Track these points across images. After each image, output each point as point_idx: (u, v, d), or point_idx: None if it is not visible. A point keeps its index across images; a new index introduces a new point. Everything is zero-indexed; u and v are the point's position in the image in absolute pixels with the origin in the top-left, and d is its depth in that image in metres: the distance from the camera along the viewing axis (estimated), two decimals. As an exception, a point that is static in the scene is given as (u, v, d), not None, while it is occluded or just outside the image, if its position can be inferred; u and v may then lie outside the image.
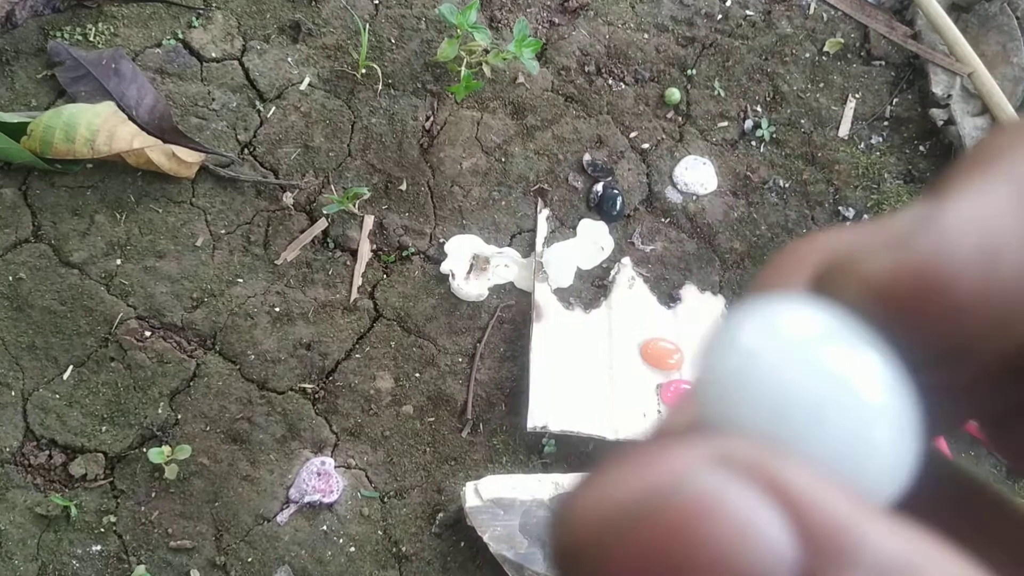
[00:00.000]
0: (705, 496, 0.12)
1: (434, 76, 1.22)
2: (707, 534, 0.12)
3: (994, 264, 0.14)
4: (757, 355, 0.14)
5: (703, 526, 0.12)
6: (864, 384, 0.14)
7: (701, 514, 0.12)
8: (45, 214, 1.14)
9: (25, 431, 1.09)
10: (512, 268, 1.17)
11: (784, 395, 0.14)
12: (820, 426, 0.14)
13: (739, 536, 0.12)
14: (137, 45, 1.20)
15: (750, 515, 0.12)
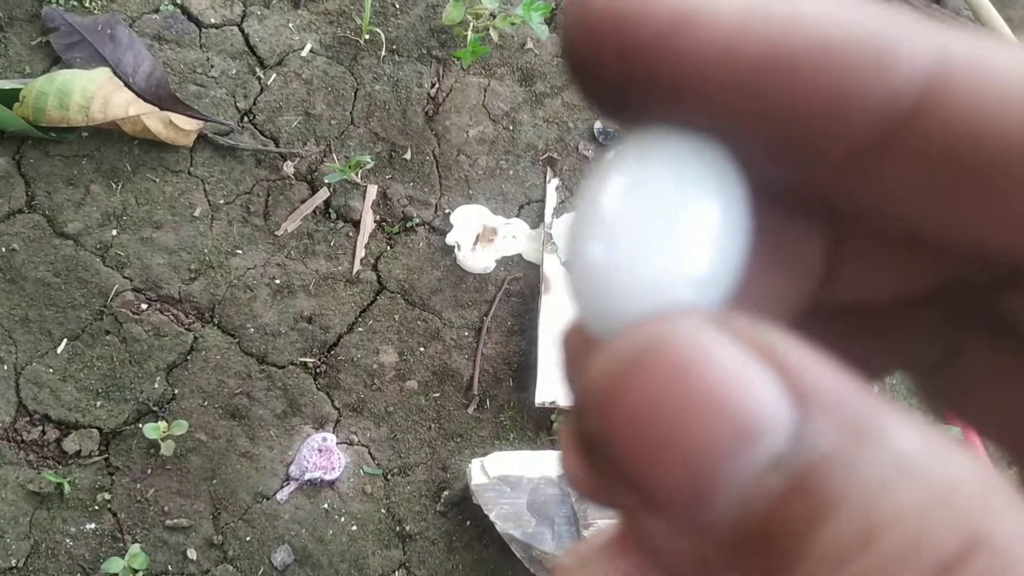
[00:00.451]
0: (694, 344, 0.13)
1: (439, 41, 1.18)
2: (698, 380, 0.13)
3: (685, 26, 0.13)
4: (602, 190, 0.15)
5: (694, 372, 0.13)
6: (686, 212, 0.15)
7: (691, 361, 0.13)
8: (39, 184, 1.11)
9: (18, 406, 1.05)
10: (520, 239, 1.13)
11: (617, 222, 0.15)
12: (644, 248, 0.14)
13: (733, 383, 0.13)
14: (134, 11, 1.17)
15: (743, 365, 0.13)
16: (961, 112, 0.13)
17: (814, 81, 0.13)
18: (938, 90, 0.13)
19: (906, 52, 0.13)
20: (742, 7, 0.13)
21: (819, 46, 0.13)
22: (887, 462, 0.12)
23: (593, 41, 0.14)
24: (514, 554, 0.98)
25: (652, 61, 0.14)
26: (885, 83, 0.13)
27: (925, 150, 0.13)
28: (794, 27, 0.13)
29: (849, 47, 0.13)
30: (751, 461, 0.12)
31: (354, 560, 1.03)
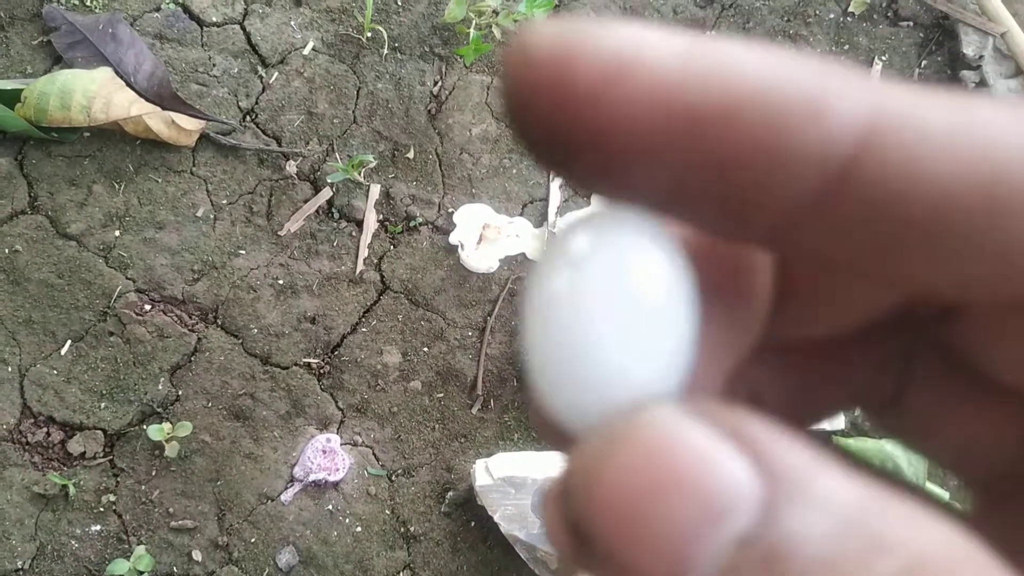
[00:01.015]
0: (666, 430, 0.13)
1: (442, 39, 1.17)
2: (668, 464, 0.13)
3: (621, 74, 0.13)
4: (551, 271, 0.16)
5: (664, 456, 0.13)
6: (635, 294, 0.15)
7: (662, 446, 0.13)
8: (42, 184, 1.10)
9: (22, 408, 1.05)
10: (524, 238, 1.12)
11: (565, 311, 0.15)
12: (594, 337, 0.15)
13: (702, 465, 0.13)
14: (135, 10, 1.16)
15: (711, 448, 0.13)
16: (894, 165, 0.13)
17: (751, 131, 0.13)
18: (872, 143, 0.13)
19: (841, 104, 0.13)
20: (679, 55, 0.13)
21: (756, 96, 0.13)
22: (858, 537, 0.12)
23: (530, 88, 0.14)
24: (518, 555, 0.98)
25: (586, 111, 0.14)
26: (821, 134, 0.13)
27: (861, 201, 0.14)
28: (731, 77, 0.13)
29: (785, 98, 0.13)
30: (722, 539, 0.13)
31: (359, 561, 1.03)
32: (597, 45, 0.14)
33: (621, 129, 0.14)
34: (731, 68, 0.13)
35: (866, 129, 0.13)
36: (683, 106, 0.13)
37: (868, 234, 0.14)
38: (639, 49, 0.14)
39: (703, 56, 0.13)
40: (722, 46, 0.14)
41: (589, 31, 0.14)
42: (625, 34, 0.14)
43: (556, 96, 0.14)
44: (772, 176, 0.14)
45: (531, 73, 0.14)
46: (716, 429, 0.13)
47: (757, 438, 0.13)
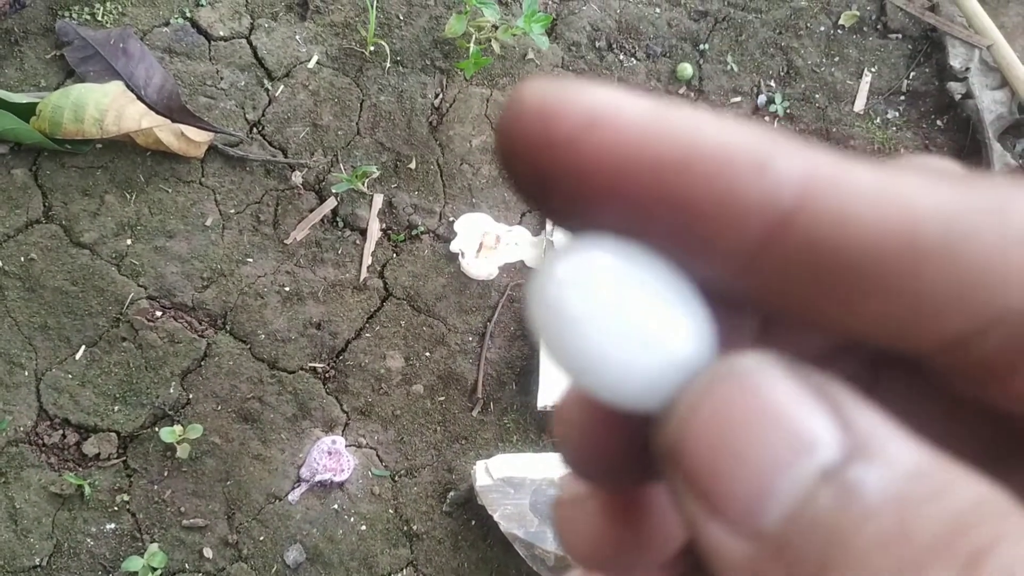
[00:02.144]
0: (764, 376, 0.15)
1: (443, 53, 1.21)
2: (760, 403, 0.15)
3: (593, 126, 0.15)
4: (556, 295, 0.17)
5: (758, 396, 0.15)
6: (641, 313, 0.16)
7: (756, 387, 0.15)
8: (56, 194, 1.14)
9: (39, 411, 1.09)
10: (522, 246, 1.16)
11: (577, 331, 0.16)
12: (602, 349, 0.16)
13: (791, 407, 0.15)
14: (145, 24, 1.20)
15: (799, 394, 0.15)
16: (827, 217, 0.15)
17: (704, 179, 0.15)
18: (808, 196, 0.15)
19: (782, 162, 0.15)
20: (647, 112, 0.16)
21: (709, 150, 0.15)
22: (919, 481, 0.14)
23: (519, 133, 0.16)
24: (517, 553, 1.02)
25: (564, 156, 0.16)
26: (764, 186, 0.15)
27: (798, 251, 0.15)
28: (690, 133, 0.15)
29: (735, 153, 0.15)
30: (804, 472, 0.14)
31: (363, 558, 1.07)
32: (575, 100, 0.16)
33: (592, 172, 0.16)
34: (690, 125, 0.15)
35: (803, 185, 0.15)
36: (646, 154, 0.15)
37: (805, 279, 0.16)
38: (611, 105, 0.16)
39: (666, 114, 0.15)
40: (683, 108, 0.16)
41: (570, 88, 0.16)
42: (600, 93, 0.16)
43: (539, 142, 0.16)
44: (721, 219, 0.16)
45: (519, 121, 0.16)
46: (807, 384, 0.15)
47: (836, 395, 0.15)
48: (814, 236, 0.15)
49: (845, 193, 0.15)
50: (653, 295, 0.17)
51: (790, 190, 0.15)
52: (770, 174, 0.15)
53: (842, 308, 0.16)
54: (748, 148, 0.15)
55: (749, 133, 0.16)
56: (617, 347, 0.16)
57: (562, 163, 0.16)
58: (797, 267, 0.16)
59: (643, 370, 0.16)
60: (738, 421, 0.15)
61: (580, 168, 0.16)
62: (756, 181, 0.15)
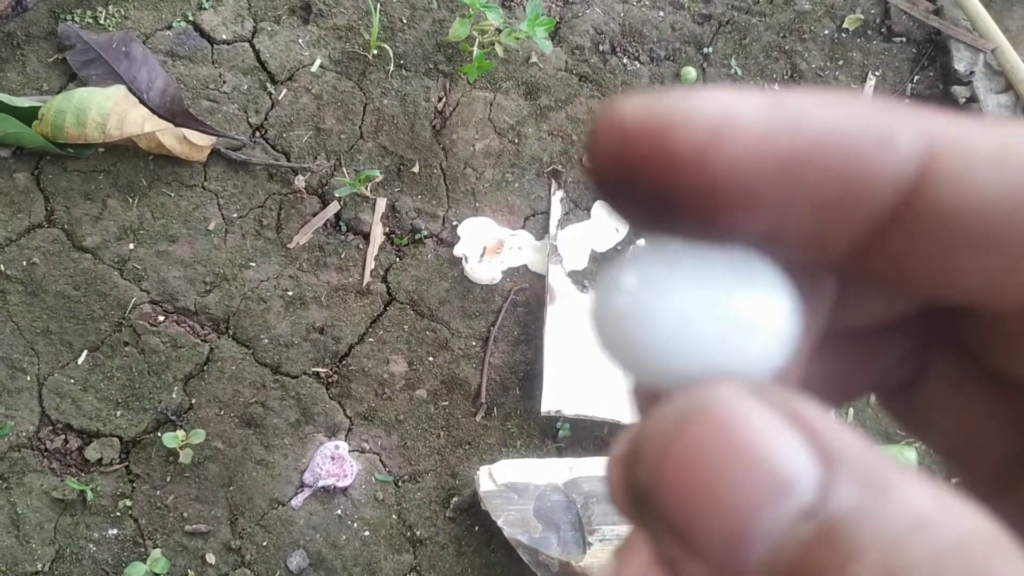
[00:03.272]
0: (735, 411, 0.15)
1: (446, 56, 1.20)
2: (736, 440, 0.14)
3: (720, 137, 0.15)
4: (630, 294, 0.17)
5: (733, 433, 0.14)
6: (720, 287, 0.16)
7: (731, 423, 0.14)
8: (58, 199, 1.14)
9: (41, 416, 1.09)
10: (526, 251, 1.16)
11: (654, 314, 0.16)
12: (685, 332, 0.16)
13: (766, 443, 0.14)
14: (147, 27, 1.19)
15: (774, 427, 0.14)
16: (950, 183, 0.15)
17: (834, 166, 0.15)
18: (931, 165, 0.15)
19: (903, 133, 0.15)
20: (766, 110, 0.15)
21: (834, 137, 0.15)
22: (904, 517, 0.13)
23: (629, 158, 0.16)
24: (521, 558, 1.02)
25: (692, 171, 0.15)
26: (891, 161, 0.15)
27: (925, 220, 0.15)
28: (812, 122, 0.15)
29: (858, 134, 0.15)
30: (783, 512, 0.14)
31: (367, 564, 1.07)
32: (692, 111, 0.15)
33: (724, 183, 0.15)
34: (809, 117, 0.15)
35: (926, 153, 0.15)
36: (776, 156, 0.15)
37: (930, 246, 0.16)
38: (731, 110, 0.15)
39: (783, 111, 0.15)
40: (796, 99, 0.15)
41: (681, 99, 0.15)
42: (714, 99, 0.15)
43: (659, 162, 0.15)
44: (854, 203, 0.15)
45: (629, 144, 0.15)
46: (777, 410, 0.15)
47: (813, 422, 0.14)
48: (941, 204, 0.15)
49: (967, 156, 0.15)
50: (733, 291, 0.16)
51: (914, 160, 0.15)
52: (894, 147, 0.15)
53: (959, 269, 0.16)
54: (869, 125, 0.15)
55: (865, 109, 0.15)
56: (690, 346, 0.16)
57: (688, 180, 0.15)
58: (925, 233, 0.16)
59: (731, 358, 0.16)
60: (712, 461, 0.14)
61: (710, 182, 0.15)
62: (882, 157, 0.15)
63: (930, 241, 0.16)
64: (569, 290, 1.13)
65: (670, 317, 0.16)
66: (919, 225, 0.16)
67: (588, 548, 1.00)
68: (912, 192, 0.15)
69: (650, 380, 0.17)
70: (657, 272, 0.17)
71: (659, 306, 0.16)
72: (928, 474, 0.14)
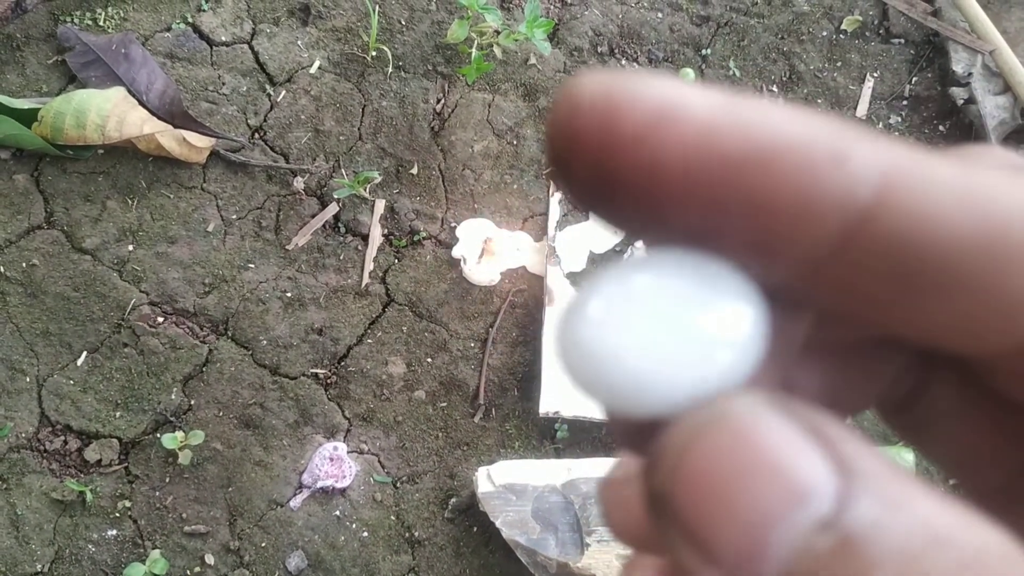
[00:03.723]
0: (754, 420, 0.15)
1: (445, 58, 1.21)
2: (755, 449, 0.14)
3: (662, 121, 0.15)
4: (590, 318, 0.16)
5: (752, 441, 0.14)
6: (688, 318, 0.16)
7: (750, 432, 0.14)
8: (57, 200, 1.14)
9: (40, 417, 1.09)
10: (524, 252, 1.16)
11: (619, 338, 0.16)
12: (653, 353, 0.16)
13: (785, 453, 0.14)
14: (147, 29, 1.20)
15: (794, 438, 0.14)
16: (906, 213, 0.14)
17: (781, 175, 0.15)
18: (887, 192, 0.14)
19: (859, 155, 0.15)
20: (717, 106, 0.15)
21: (786, 144, 0.15)
22: (921, 531, 0.13)
23: (577, 130, 0.15)
24: (519, 559, 1.02)
25: (631, 153, 0.15)
26: (842, 179, 0.14)
27: (876, 248, 0.15)
28: (763, 126, 0.15)
29: (812, 146, 0.15)
30: (801, 522, 0.14)
31: (365, 565, 1.07)
32: (642, 94, 0.15)
33: (662, 170, 0.15)
34: (763, 120, 0.15)
35: (882, 178, 0.14)
36: (720, 152, 0.15)
37: (881, 277, 0.15)
38: (680, 99, 0.15)
39: (738, 109, 0.15)
40: (754, 102, 0.15)
41: (634, 82, 0.15)
42: (667, 86, 0.15)
43: (602, 139, 0.15)
44: (799, 217, 0.15)
45: (578, 119, 0.15)
46: (796, 421, 0.15)
47: (831, 434, 0.14)
48: (894, 233, 0.15)
49: (927, 188, 0.15)
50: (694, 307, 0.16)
51: (869, 184, 0.15)
52: (848, 166, 0.15)
53: (916, 307, 0.16)
54: (825, 140, 0.15)
55: (824, 125, 0.15)
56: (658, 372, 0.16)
57: (628, 162, 0.15)
58: (874, 264, 0.15)
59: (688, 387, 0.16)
60: (730, 469, 0.14)
61: (647, 167, 0.15)
62: (834, 174, 0.15)
63: (880, 273, 0.15)
64: (567, 291, 1.14)
65: (635, 346, 0.16)
66: (870, 254, 0.15)
67: (586, 549, 1.00)
68: (864, 218, 0.15)
69: (619, 409, 0.17)
70: (620, 298, 0.16)
71: (623, 336, 0.16)
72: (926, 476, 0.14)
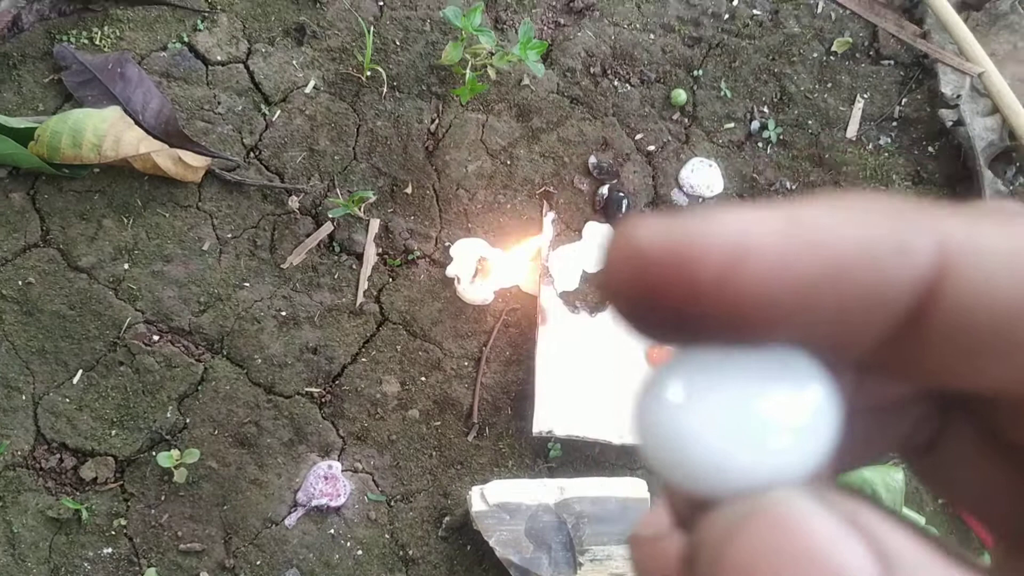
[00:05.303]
0: (794, 511, 0.15)
1: (439, 78, 1.22)
2: (796, 541, 0.15)
3: (739, 263, 0.16)
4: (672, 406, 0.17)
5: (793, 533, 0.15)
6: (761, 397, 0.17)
7: (791, 524, 0.15)
8: (53, 219, 1.15)
9: (36, 435, 1.10)
10: (518, 272, 1.17)
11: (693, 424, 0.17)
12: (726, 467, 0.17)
13: (827, 546, 0.14)
14: (143, 49, 1.20)
15: (834, 531, 0.15)
16: (965, 290, 0.16)
17: (852, 282, 0.16)
18: (946, 271, 0.16)
19: (918, 240, 0.16)
20: (782, 231, 0.16)
21: (853, 252, 0.16)
22: None
23: (645, 282, 0.16)
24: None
25: (713, 297, 0.16)
26: (904, 271, 0.16)
27: (940, 322, 0.16)
28: (829, 239, 0.16)
29: (875, 245, 0.16)
30: None
31: (359, 583, 1.08)
32: (710, 241, 0.16)
33: (743, 304, 0.16)
34: (824, 234, 0.16)
35: (940, 256, 0.16)
36: (793, 277, 0.16)
37: (951, 345, 0.16)
38: (747, 237, 0.16)
39: (799, 229, 0.16)
40: (810, 214, 0.16)
41: (698, 227, 0.16)
42: (730, 225, 0.16)
43: (681, 289, 0.16)
44: (871, 311, 0.16)
45: (650, 270, 0.16)
46: (837, 513, 0.15)
47: (870, 523, 0.15)
48: (956, 306, 0.16)
49: (981, 261, 0.16)
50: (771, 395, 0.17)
51: (929, 266, 0.16)
52: (910, 256, 0.16)
53: (974, 366, 0.17)
54: (886, 235, 0.16)
55: (879, 218, 0.16)
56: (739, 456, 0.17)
57: (709, 304, 0.16)
58: (941, 334, 0.16)
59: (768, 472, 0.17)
60: (771, 561, 0.15)
61: (730, 305, 0.16)
62: (899, 265, 0.16)
63: (948, 340, 0.16)
64: (560, 311, 1.15)
65: (713, 430, 0.17)
66: (936, 324, 0.16)
67: (579, 568, 1.01)
68: (928, 294, 0.16)
69: (694, 489, 0.17)
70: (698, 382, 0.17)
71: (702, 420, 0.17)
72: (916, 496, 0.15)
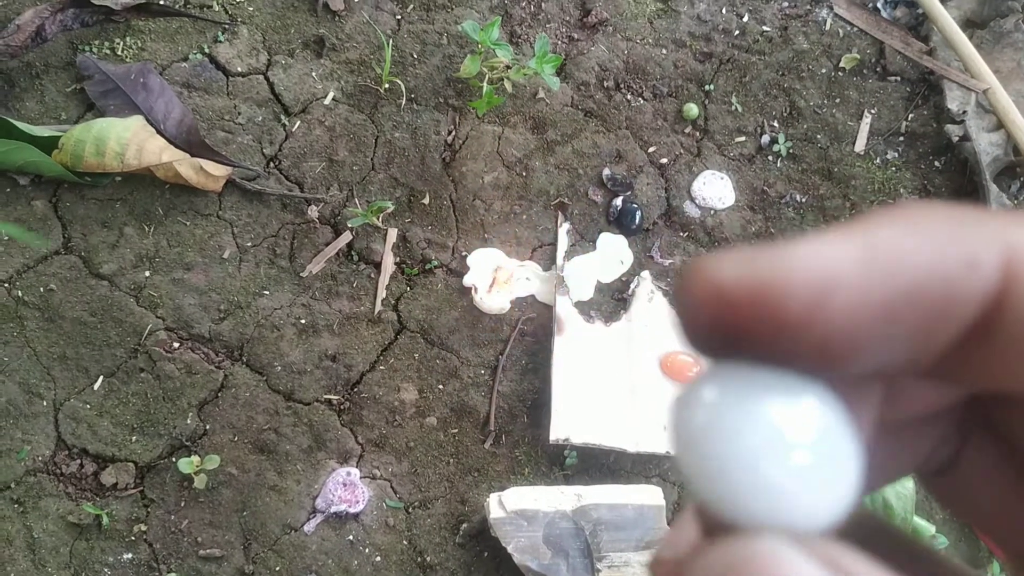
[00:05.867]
0: (778, 561, 0.15)
1: (456, 91, 1.24)
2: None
3: (825, 297, 0.16)
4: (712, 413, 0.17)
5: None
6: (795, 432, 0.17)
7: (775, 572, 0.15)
8: (75, 226, 1.16)
9: (57, 440, 1.11)
10: (533, 281, 1.19)
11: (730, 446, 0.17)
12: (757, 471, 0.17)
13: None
14: (164, 59, 1.22)
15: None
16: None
17: (929, 301, 0.16)
18: (1012, 280, 0.16)
19: (984, 253, 0.16)
20: (860, 260, 0.16)
21: (926, 273, 0.16)
22: None
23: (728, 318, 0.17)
24: (529, 584, 1.04)
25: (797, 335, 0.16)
26: (974, 284, 0.16)
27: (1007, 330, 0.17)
28: (904, 264, 0.16)
29: (946, 264, 0.16)
30: None
31: (378, 588, 1.09)
32: (793, 278, 0.16)
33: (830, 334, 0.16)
34: (899, 258, 0.16)
35: (1005, 266, 0.16)
36: (874, 306, 0.16)
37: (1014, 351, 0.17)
38: (829, 273, 0.16)
39: (876, 257, 0.16)
40: (884, 239, 0.16)
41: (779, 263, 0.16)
42: (811, 260, 0.16)
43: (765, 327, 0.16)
44: (946, 322, 0.17)
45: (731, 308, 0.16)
46: (816, 559, 0.15)
47: (850, 567, 0.15)
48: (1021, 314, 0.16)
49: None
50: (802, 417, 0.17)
51: (997, 276, 0.16)
52: (979, 269, 0.16)
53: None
54: (955, 251, 0.16)
55: (947, 231, 0.17)
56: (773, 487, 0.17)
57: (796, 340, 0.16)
58: (1003, 341, 0.17)
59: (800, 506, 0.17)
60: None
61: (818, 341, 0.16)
62: (968, 280, 0.16)
63: (1013, 345, 0.17)
64: (576, 320, 1.16)
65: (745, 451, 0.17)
66: (1002, 330, 0.17)
67: (597, 575, 1.03)
68: (995, 303, 0.17)
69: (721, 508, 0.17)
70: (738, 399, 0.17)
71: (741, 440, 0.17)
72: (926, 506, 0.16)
